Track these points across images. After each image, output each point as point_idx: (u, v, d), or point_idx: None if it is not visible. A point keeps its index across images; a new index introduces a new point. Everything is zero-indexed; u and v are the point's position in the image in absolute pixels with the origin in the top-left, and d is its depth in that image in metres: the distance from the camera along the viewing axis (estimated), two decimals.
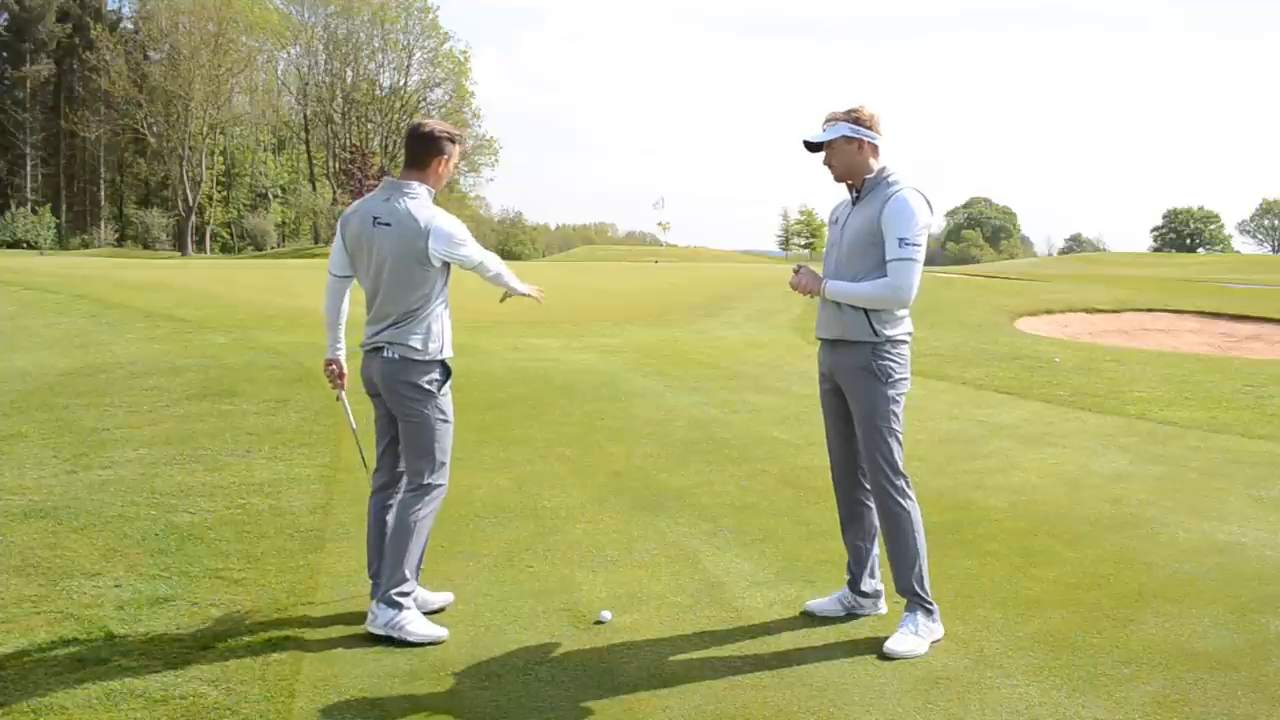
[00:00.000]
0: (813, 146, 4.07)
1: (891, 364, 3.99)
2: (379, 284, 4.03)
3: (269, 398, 8.69)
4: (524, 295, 4.34)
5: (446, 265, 4.06)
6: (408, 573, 3.99)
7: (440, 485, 4.10)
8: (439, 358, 4.04)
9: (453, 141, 4.11)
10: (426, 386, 4.02)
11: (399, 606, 3.93)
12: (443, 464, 4.10)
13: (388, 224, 3.98)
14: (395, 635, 3.90)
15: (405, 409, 4.05)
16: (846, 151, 4.00)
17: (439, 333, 4.04)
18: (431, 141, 4.07)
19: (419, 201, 4.03)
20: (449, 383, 4.11)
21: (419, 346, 4.00)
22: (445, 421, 4.09)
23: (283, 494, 5.90)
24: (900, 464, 4.03)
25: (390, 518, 4.11)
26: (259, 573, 4.60)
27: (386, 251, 3.99)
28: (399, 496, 4.14)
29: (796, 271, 4.10)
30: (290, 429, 7.59)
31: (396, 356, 4.01)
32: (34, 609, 4.12)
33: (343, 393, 4.41)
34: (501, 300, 4.46)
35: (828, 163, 4.06)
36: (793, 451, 7.29)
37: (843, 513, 4.29)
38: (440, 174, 4.11)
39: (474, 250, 4.07)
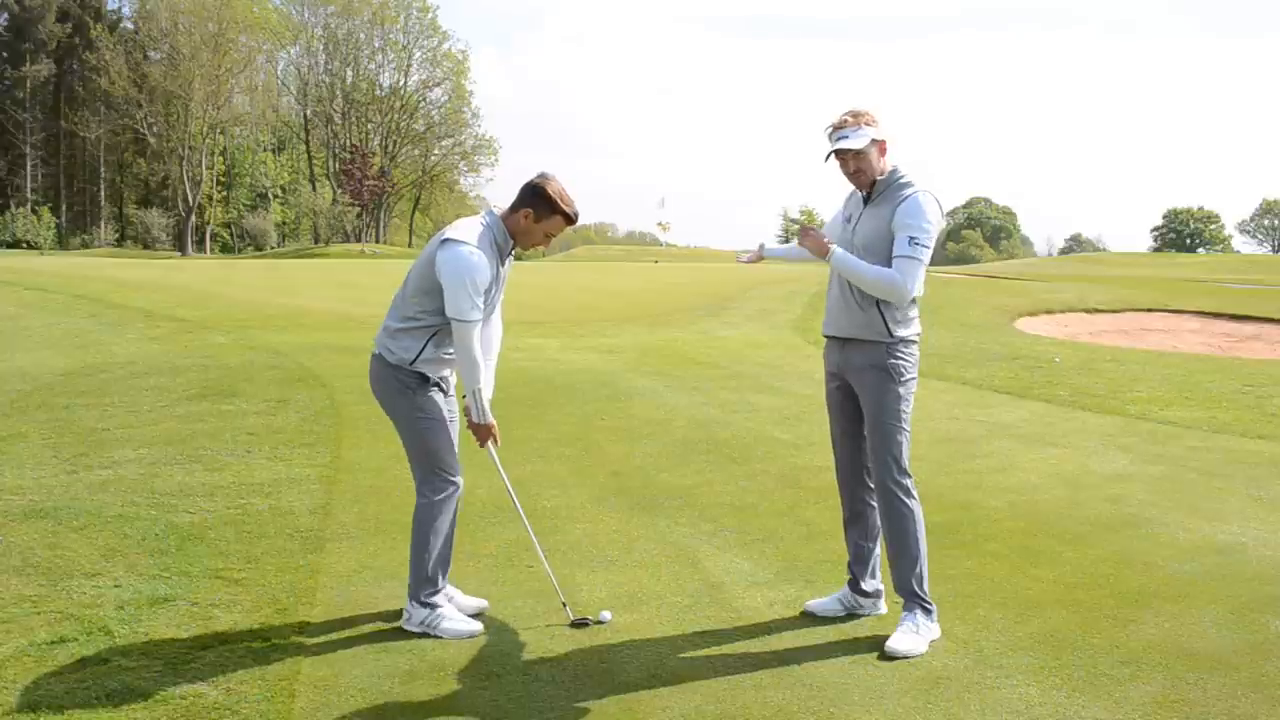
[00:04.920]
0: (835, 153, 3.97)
1: (904, 363, 4.02)
2: (402, 285, 4.05)
3: (269, 398, 8.70)
4: (474, 415, 3.96)
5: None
6: (428, 574, 4.02)
7: (441, 486, 4.03)
8: (414, 369, 3.98)
9: (550, 206, 3.92)
10: (402, 385, 4.00)
11: (431, 606, 4.01)
12: (435, 468, 4.02)
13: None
14: (431, 633, 3.97)
15: (388, 411, 4.09)
16: (873, 156, 3.98)
17: (415, 347, 3.94)
18: (525, 189, 3.96)
19: (470, 218, 4.02)
20: (431, 385, 4.02)
21: (394, 351, 3.98)
22: (428, 418, 4.01)
23: (283, 494, 5.90)
24: (907, 463, 4.04)
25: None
26: (259, 573, 4.60)
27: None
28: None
29: (803, 234, 4.04)
30: (290, 429, 7.59)
31: (376, 352, 4.04)
32: (34, 609, 4.12)
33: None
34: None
35: (854, 169, 3.98)
36: (793, 451, 7.29)
37: (846, 512, 4.30)
38: (521, 223, 3.96)
39: (461, 303, 3.80)
